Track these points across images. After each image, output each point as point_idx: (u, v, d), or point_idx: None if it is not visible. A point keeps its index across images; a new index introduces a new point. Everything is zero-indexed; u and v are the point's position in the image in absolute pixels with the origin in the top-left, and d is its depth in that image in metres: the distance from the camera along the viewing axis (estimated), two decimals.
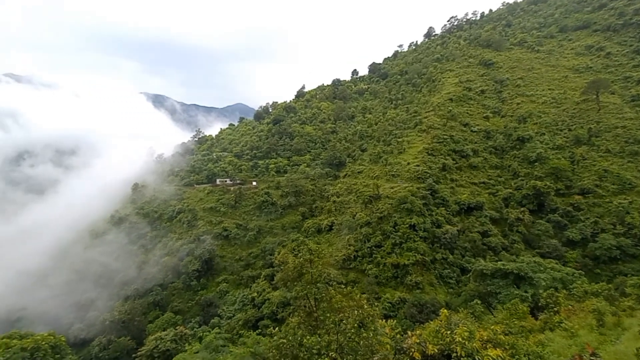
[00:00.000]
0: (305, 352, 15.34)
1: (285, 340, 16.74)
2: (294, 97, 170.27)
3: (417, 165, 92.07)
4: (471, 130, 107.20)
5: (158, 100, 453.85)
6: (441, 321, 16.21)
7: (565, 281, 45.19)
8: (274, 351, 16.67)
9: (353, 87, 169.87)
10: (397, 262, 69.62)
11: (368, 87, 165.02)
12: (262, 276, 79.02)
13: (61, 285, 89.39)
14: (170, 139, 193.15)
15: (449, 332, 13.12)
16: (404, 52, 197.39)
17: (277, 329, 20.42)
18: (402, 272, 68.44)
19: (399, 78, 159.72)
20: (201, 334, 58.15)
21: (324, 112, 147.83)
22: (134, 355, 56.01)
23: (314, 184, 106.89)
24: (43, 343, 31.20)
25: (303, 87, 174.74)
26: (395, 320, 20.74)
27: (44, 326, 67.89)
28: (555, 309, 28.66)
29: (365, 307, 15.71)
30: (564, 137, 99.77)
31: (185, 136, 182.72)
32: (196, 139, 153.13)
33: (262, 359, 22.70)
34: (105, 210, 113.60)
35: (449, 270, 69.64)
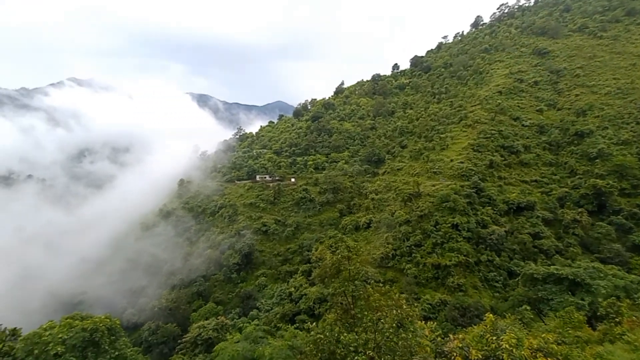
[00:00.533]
0: (342, 349, 14.93)
1: (322, 336, 16.59)
2: (332, 94, 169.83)
3: (461, 162, 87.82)
4: (522, 125, 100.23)
5: (202, 100, 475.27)
6: (486, 326, 15.05)
7: (629, 290, 40.76)
8: (311, 345, 16.03)
9: (393, 81, 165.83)
10: (438, 262, 66.96)
11: (409, 82, 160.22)
12: (299, 272, 79.62)
13: (116, 273, 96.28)
14: (213, 136, 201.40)
15: (494, 338, 12.28)
16: (448, 43, 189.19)
17: (314, 324, 20.20)
18: (443, 273, 65.75)
19: (443, 71, 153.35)
20: (241, 325, 59.89)
21: (363, 108, 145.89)
22: (179, 340, 59.00)
23: (352, 181, 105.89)
24: (101, 325, 33.20)
25: (342, 84, 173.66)
26: (435, 323, 19.62)
27: (101, 309, 73.47)
28: (617, 319, 25.95)
29: (405, 307, 16.10)
30: (631, 131, 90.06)
31: (227, 134, 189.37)
32: (237, 137, 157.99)
33: (299, 353, 22.78)
34: (155, 204, 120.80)
35: (494, 273, 65.76)
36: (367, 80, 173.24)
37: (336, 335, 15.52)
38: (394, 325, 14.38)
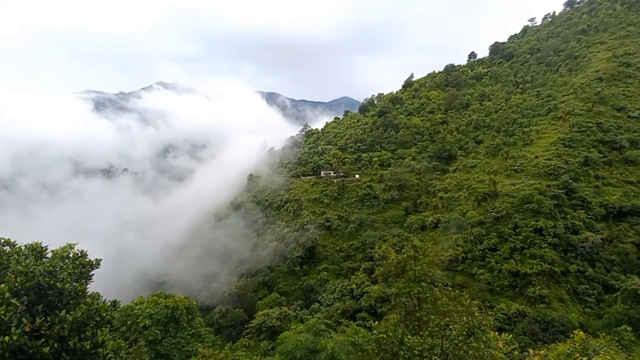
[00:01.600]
0: (405, 351, 13.92)
1: (385, 336, 15.66)
2: (400, 88, 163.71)
3: (549, 159, 77.95)
4: (628, 116, 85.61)
5: (271, 98, 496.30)
6: (575, 344, 12.99)
7: None
8: (373, 344, 15.51)
9: (469, 71, 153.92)
10: (517, 269, 60.28)
11: (488, 71, 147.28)
12: (361, 269, 78.36)
13: (193, 258, 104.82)
14: (280, 133, 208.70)
15: (585, 358, 11.15)
16: (535, 26, 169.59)
17: (376, 323, 19.03)
18: (522, 282, 59.04)
19: (529, 57, 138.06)
20: (302, 316, 60.72)
21: (434, 102, 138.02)
22: (246, 325, 61.89)
23: (419, 178, 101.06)
24: (180, 304, 35.75)
25: (411, 76, 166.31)
26: (511, 335, 17.37)
27: (180, 290, 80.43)
28: None
29: (477, 314, 14.85)
30: None
31: (293, 130, 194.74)
32: (303, 133, 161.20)
33: (360, 350, 22.06)
34: (227, 197, 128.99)
35: (586, 286, 57.17)
36: (439, 72, 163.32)
37: (400, 336, 14.94)
38: (464, 332, 13.54)
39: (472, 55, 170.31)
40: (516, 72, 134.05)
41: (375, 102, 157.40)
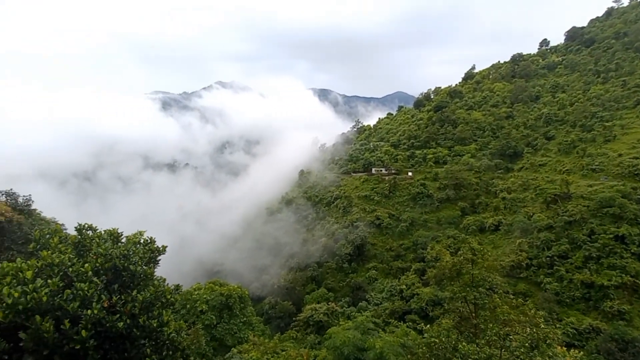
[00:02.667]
0: (459, 359, 13.26)
1: (437, 340, 15.21)
2: (460, 80, 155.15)
3: (635, 158, 68.90)
4: None
5: (323, 95, 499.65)
6: None
7: None
8: (424, 348, 15.25)
9: (540, 61, 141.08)
10: (591, 280, 54.32)
11: (563, 59, 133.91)
12: (412, 269, 76.17)
13: (246, 250, 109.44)
14: (332, 129, 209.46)
15: None
16: (622, 8, 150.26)
17: (428, 326, 18.22)
18: (597, 295, 53.17)
19: (613, 43, 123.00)
20: (349, 314, 60.49)
21: (498, 95, 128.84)
22: (294, 318, 63.23)
23: (478, 177, 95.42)
24: (234, 292, 37.75)
25: (472, 68, 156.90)
26: (582, 352, 15.78)
27: (233, 280, 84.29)
28: None
29: (542, 326, 14.16)
30: None
31: (345, 126, 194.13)
32: (355, 129, 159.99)
33: (410, 353, 21.44)
34: (279, 192, 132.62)
35: None
36: (505, 62, 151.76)
37: (453, 342, 14.66)
38: (527, 344, 12.95)
39: (544, 42, 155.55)
40: (597, 60, 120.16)
41: (432, 97, 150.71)
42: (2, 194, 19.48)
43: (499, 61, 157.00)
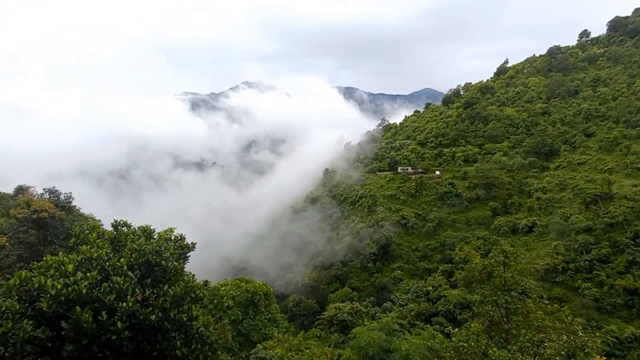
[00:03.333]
0: None
1: (466, 345, 14.79)
2: (492, 76, 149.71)
3: None
4: None
5: (348, 93, 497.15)
6: None
7: None
8: (451, 352, 14.93)
9: (579, 53, 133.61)
10: (635, 286, 51.02)
11: (605, 51, 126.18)
12: (439, 271, 74.48)
13: (271, 248, 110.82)
14: (357, 127, 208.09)
15: None
16: None
17: (456, 330, 17.72)
18: None
19: None
20: (374, 314, 59.95)
21: (533, 90, 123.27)
22: (317, 317, 63.39)
23: (511, 176, 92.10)
24: (259, 290, 38.43)
25: (505, 62, 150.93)
26: None
27: (259, 277, 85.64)
28: None
29: (580, 333, 13.70)
30: None
31: (371, 125, 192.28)
32: (381, 127, 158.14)
33: (437, 356, 21.06)
34: (303, 190, 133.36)
35: None
36: (541, 55, 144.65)
37: (483, 348, 14.18)
38: (562, 353, 12.51)
39: (584, 33, 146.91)
40: None
41: (462, 93, 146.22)
42: (46, 192, 20.84)
43: (534, 55, 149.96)
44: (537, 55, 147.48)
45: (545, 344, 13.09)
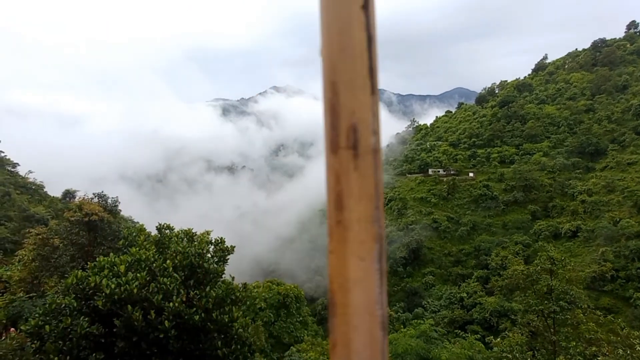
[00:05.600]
0: None
1: (510, 356, 14.18)
2: (530, 72, 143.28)
3: None
4: None
5: None
6: None
7: None
8: None
9: (628, 45, 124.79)
10: None
11: None
12: (473, 277, 71.99)
13: (301, 251, 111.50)
14: (386, 129, 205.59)
15: None
16: None
17: (498, 339, 16.97)
18: None
19: None
20: (404, 319, 58.72)
21: (575, 86, 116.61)
22: None
23: (552, 177, 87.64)
24: (290, 292, 38.77)
25: (544, 58, 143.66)
26: None
27: (288, 280, 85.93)
28: None
29: (638, 348, 12.96)
30: None
31: (400, 126, 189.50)
32: (410, 129, 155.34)
33: None
34: None
35: None
36: (584, 49, 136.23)
37: (528, 359, 14.07)
38: None
39: (633, 24, 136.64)
40: None
41: (497, 91, 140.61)
42: (96, 196, 22.29)
43: (576, 49, 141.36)
44: (580, 49, 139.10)
45: (599, 358, 12.53)
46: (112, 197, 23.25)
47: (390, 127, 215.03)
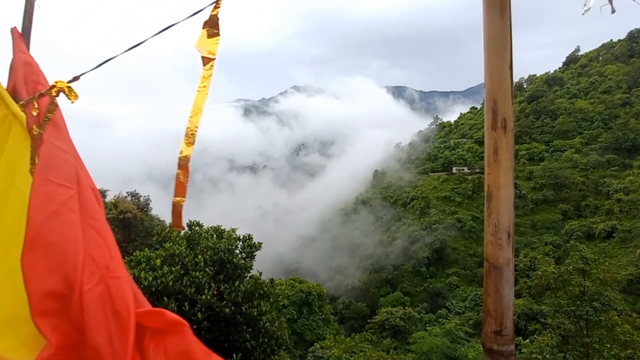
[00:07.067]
0: None
1: (540, 357, 13.99)
2: (561, 66, 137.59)
3: None
4: None
5: (398, 92, 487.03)
6: None
7: None
8: None
9: None
10: None
11: None
12: None
13: (322, 250, 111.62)
14: (408, 127, 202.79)
15: None
16: None
17: (527, 341, 16.61)
18: None
19: None
20: (427, 320, 57.81)
21: (611, 79, 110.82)
22: (368, 320, 62.65)
23: (585, 175, 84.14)
24: (313, 290, 39.07)
25: (576, 50, 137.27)
26: None
27: (309, 278, 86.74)
28: None
29: None
30: None
31: (422, 124, 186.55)
32: (434, 126, 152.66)
33: None
34: (353, 192, 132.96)
35: None
36: (620, 40, 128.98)
37: None
38: None
39: None
40: None
41: (525, 86, 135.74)
42: (129, 195, 23.38)
43: (611, 40, 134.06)
44: (615, 40, 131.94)
45: None
46: (144, 196, 24.28)
47: (413, 125, 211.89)
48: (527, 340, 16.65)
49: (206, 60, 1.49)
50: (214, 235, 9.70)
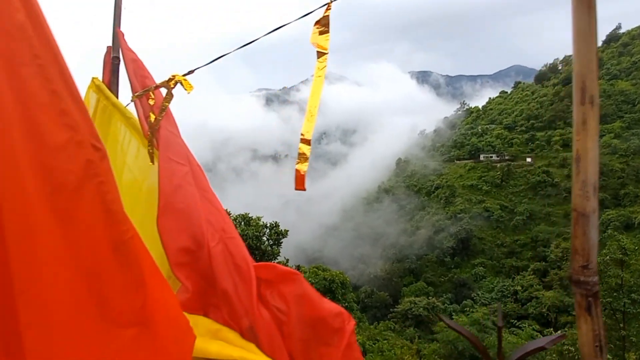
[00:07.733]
0: None
1: (572, 349, 13.26)
2: (600, 44, 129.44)
3: None
4: None
5: (422, 77, 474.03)
6: None
7: None
8: (554, 355, 14.13)
9: None
10: None
11: None
12: (529, 269, 67.92)
13: (344, 239, 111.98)
14: (433, 114, 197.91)
15: None
16: None
17: (558, 332, 16.05)
18: None
19: None
20: (452, 311, 57.12)
21: None
22: (390, 309, 62.61)
23: (624, 162, 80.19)
24: (336, 278, 39.38)
25: (617, 28, 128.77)
26: None
27: (332, 267, 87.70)
28: None
29: None
30: None
31: (448, 110, 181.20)
32: (460, 112, 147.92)
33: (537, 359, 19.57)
34: (376, 181, 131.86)
35: None
36: None
37: (592, 353, 12.67)
38: None
39: None
40: None
41: (560, 68, 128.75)
42: None
43: None
44: None
45: None
46: None
47: (438, 111, 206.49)
48: (559, 332, 16.02)
49: (319, 54, 1.70)
50: (242, 223, 9.76)
